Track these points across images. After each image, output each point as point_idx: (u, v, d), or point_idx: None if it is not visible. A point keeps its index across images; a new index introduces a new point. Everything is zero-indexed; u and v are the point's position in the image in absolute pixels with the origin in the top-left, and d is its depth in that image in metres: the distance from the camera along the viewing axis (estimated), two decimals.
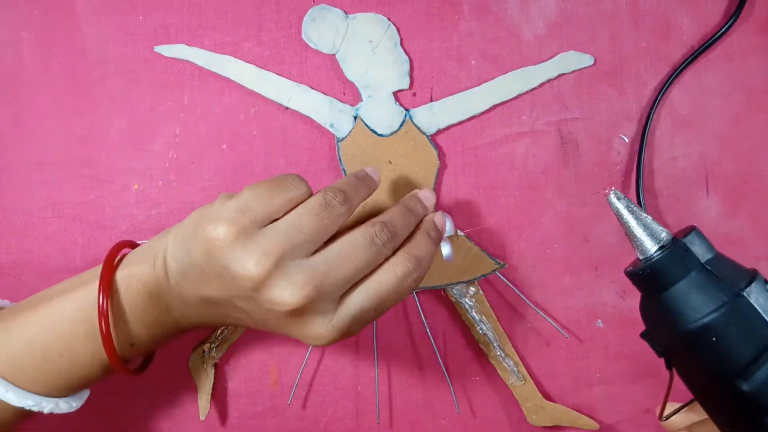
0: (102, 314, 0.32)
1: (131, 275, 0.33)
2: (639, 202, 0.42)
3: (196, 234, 0.31)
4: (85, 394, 0.37)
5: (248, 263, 0.29)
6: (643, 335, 0.32)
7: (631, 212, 0.31)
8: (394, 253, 0.33)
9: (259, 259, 0.29)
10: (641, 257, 0.31)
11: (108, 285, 0.32)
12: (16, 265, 0.43)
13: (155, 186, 0.43)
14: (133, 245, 0.36)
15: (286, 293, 0.30)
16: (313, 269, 0.30)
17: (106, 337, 0.32)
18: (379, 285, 0.32)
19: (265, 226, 0.31)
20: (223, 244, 0.30)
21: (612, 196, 0.31)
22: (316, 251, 0.31)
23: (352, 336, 0.33)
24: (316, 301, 0.30)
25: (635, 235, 0.31)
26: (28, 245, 0.43)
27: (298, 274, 0.30)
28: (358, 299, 0.31)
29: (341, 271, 0.31)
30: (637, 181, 0.42)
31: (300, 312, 0.30)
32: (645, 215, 0.31)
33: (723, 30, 0.42)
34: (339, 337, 0.32)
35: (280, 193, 0.32)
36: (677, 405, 0.34)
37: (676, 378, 0.31)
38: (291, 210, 0.32)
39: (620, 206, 0.31)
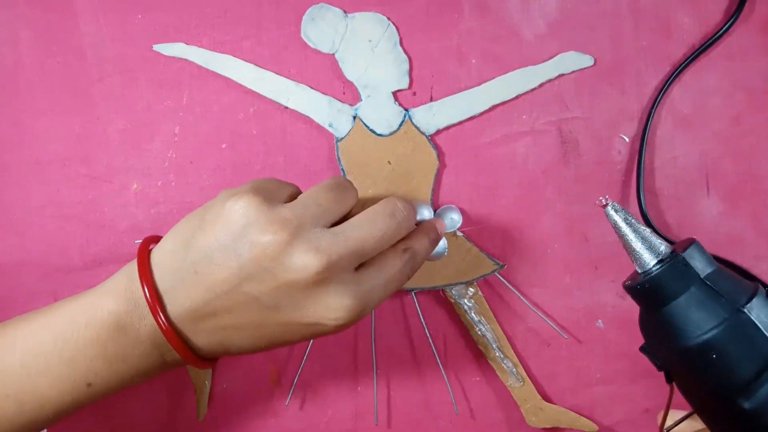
0: (153, 309, 0.31)
1: (93, 305, 0.32)
2: (639, 202, 0.42)
3: (203, 224, 0.31)
4: None
5: (270, 229, 0.29)
6: (642, 349, 0.31)
7: (629, 225, 0.30)
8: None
9: (281, 225, 0.30)
10: (640, 271, 0.30)
11: (150, 278, 0.31)
12: (15, 264, 0.43)
13: (154, 185, 0.43)
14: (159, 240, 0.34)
15: (309, 256, 0.29)
16: (334, 235, 0.30)
17: (179, 347, 0.31)
18: (386, 265, 0.33)
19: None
20: (245, 214, 0.30)
21: (609, 208, 0.31)
22: (334, 225, 0.32)
23: (362, 318, 0.32)
24: (338, 268, 0.30)
25: (633, 249, 0.30)
26: (27, 245, 0.43)
27: (320, 239, 0.30)
28: (371, 276, 0.32)
29: (361, 238, 0.31)
30: (638, 180, 0.42)
31: (322, 280, 0.29)
32: (643, 228, 0.30)
33: (724, 29, 0.42)
34: (360, 310, 0.31)
35: (285, 185, 0.34)
36: (678, 413, 0.33)
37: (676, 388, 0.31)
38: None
39: (618, 219, 0.30)
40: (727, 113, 0.43)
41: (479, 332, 0.42)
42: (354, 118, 0.42)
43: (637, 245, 0.30)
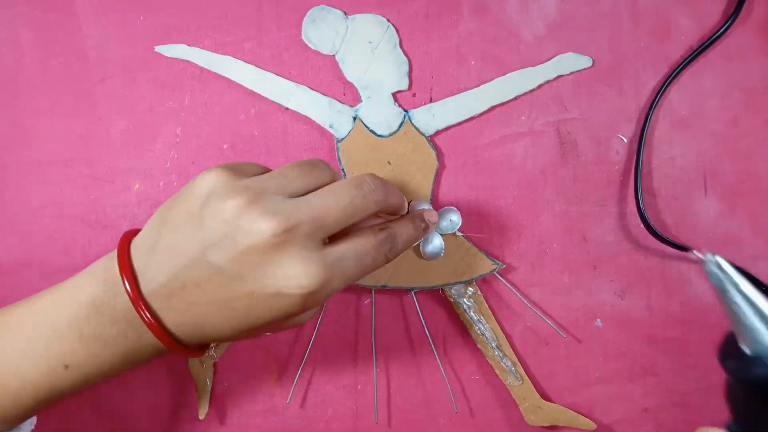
0: (126, 286, 0.31)
1: (75, 287, 0.32)
2: (637, 202, 0.42)
3: (175, 203, 0.32)
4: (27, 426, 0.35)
5: (230, 195, 0.30)
6: (728, 427, 0.25)
7: (742, 292, 0.23)
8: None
9: (242, 191, 0.30)
10: (750, 351, 0.23)
11: (125, 258, 0.32)
12: (16, 264, 0.44)
13: (156, 186, 0.43)
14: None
15: (265, 219, 0.29)
16: (296, 202, 0.30)
17: (152, 324, 0.31)
18: (359, 238, 0.32)
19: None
20: (209, 185, 0.31)
21: (711, 264, 0.24)
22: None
23: (334, 291, 0.31)
24: (298, 233, 0.29)
25: (746, 323, 0.23)
26: (29, 245, 0.44)
27: (279, 205, 0.30)
28: (339, 248, 0.31)
29: (324, 206, 0.31)
30: (636, 181, 0.42)
31: (281, 244, 0.29)
32: (763, 297, 0.23)
33: (722, 30, 0.42)
34: (325, 280, 0.30)
35: (258, 165, 0.35)
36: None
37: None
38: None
39: (725, 281, 0.24)
40: (725, 114, 0.43)
41: (478, 331, 0.43)
42: (354, 119, 0.42)
43: (753, 320, 0.23)
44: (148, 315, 0.31)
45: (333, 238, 0.32)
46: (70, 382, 0.32)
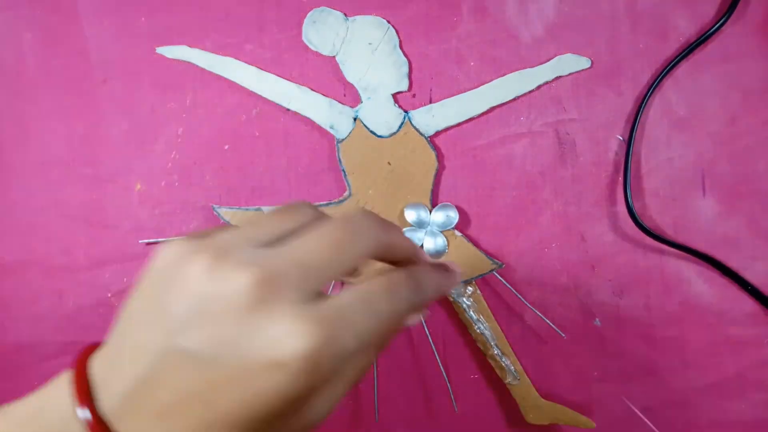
0: (81, 401, 0.23)
1: (35, 408, 0.25)
2: (626, 200, 0.42)
3: (135, 294, 0.25)
4: None
5: (189, 258, 0.23)
6: None
7: None
8: None
9: (203, 249, 0.23)
10: None
11: (81, 370, 0.24)
12: (19, 264, 0.44)
13: (158, 186, 0.43)
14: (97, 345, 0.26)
15: (238, 273, 0.22)
16: (273, 249, 0.24)
17: (95, 424, 0.23)
18: (364, 285, 0.25)
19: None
20: (165, 257, 0.24)
21: None
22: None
23: (349, 353, 0.23)
24: (281, 284, 0.23)
25: None
26: (31, 245, 0.44)
27: (254, 254, 0.23)
28: (340, 296, 0.24)
29: (308, 248, 0.24)
30: (625, 177, 0.42)
31: (262, 302, 0.22)
32: None
33: (715, 27, 0.42)
34: (326, 337, 0.22)
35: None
36: None
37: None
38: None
39: None
40: (723, 114, 0.43)
41: (478, 330, 0.43)
42: (354, 119, 0.43)
43: None
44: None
45: None
46: None
